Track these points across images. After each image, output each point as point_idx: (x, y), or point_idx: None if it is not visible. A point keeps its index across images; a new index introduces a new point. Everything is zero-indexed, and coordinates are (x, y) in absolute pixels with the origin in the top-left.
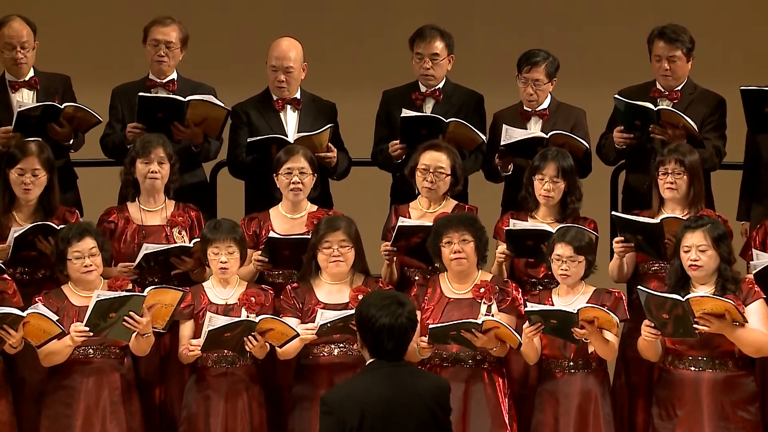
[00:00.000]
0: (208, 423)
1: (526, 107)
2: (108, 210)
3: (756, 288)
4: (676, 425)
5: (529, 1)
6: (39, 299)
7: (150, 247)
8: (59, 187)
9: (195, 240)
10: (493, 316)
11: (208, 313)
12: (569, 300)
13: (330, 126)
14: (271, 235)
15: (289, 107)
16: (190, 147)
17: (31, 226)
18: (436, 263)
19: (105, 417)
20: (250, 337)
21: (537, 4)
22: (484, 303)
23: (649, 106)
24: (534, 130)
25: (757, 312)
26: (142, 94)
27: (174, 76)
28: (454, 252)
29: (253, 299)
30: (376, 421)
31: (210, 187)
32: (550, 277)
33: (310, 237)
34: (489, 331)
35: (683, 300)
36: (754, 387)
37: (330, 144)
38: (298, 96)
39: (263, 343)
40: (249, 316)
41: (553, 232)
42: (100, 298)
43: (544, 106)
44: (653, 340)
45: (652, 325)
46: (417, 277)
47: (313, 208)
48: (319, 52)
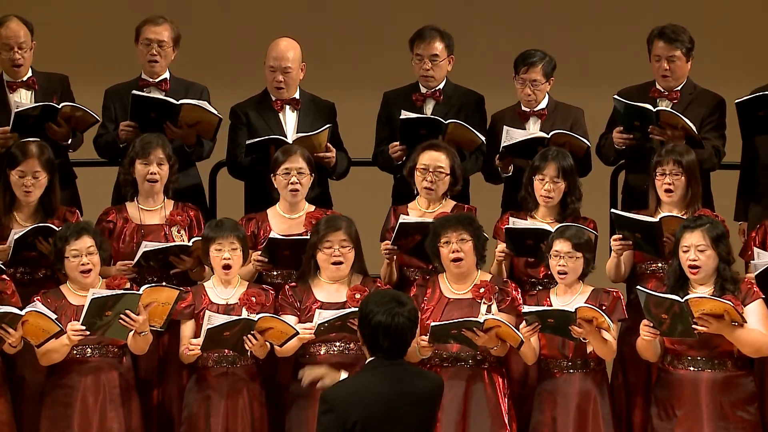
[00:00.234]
0: (209, 423)
1: (524, 107)
2: (107, 210)
3: (755, 288)
4: (675, 425)
5: (529, 1)
6: (37, 299)
7: (149, 245)
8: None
9: (194, 239)
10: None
11: (207, 311)
12: (567, 300)
13: (329, 126)
14: (271, 235)
15: (288, 107)
16: (183, 147)
17: (30, 228)
18: (434, 264)
19: (104, 416)
20: (249, 335)
21: (537, 4)
22: (484, 303)
23: (648, 107)
24: (533, 130)
25: (756, 312)
26: (135, 92)
27: (166, 75)
28: (453, 252)
29: (253, 299)
30: (376, 419)
31: (210, 188)
32: (550, 277)
33: (310, 237)
34: (490, 330)
35: (682, 300)
36: (753, 387)
37: (329, 144)
38: (297, 96)
39: (263, 342)
40: (249, 316)
41: (552, 232)
42: (95, 296)
43: (542, 105)
44: (652, 339)
45: (651, 325)
46: (417, 277)
47: (311, 208)
48: (319, 52)
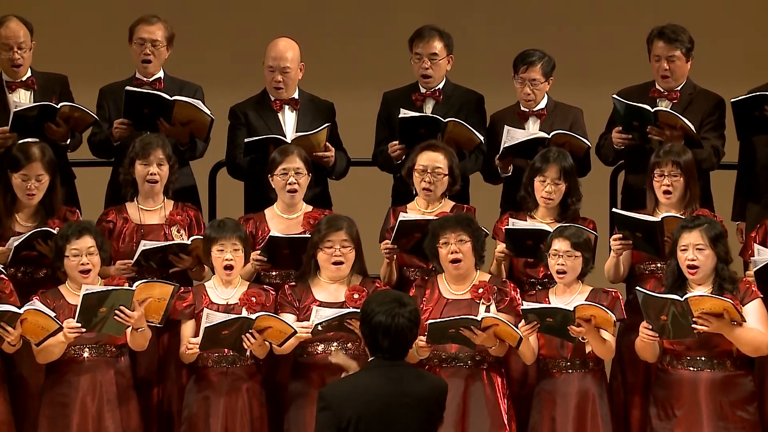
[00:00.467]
0: (208, 423)
1: (523, 107)
2: (107, 210)
3: (753, 287)
4: (674, 425)
5: (529, 1)
6: (36, 298)
7: (147, 244)
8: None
9: (193, 237)
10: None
11: (205, 309)
12: (566, 299)
13: (327, 125)
14: (272, 234)
15: (287, 107)
16: (177, 146)
17: (30, 233)
18: (433, 264)
19: (102, 416)
20: (247, 335)
21: (537, 3)
22: (483, 303)
23: (647, 107)
24: (532, 130)
25: (754, 311)
26: (128, 88)
27: (160, 74)
28: (451, 253)
29: (253, 299)
30: (372, 419)
31: (210, 188)
32: (549, 277)
33: (311, 236)
34: (488, 329)
35: (682, 300)
36: (752, 386)
37: (327, 143)
38: (296, 96)
39: (261, 341)
40: (247, 315)
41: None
42: (87, 292)
43: (542, 105)
44: (651, 342)
45: (650, 327)
46: (416, 277)
47: (308, 208)
48: (318, 51)
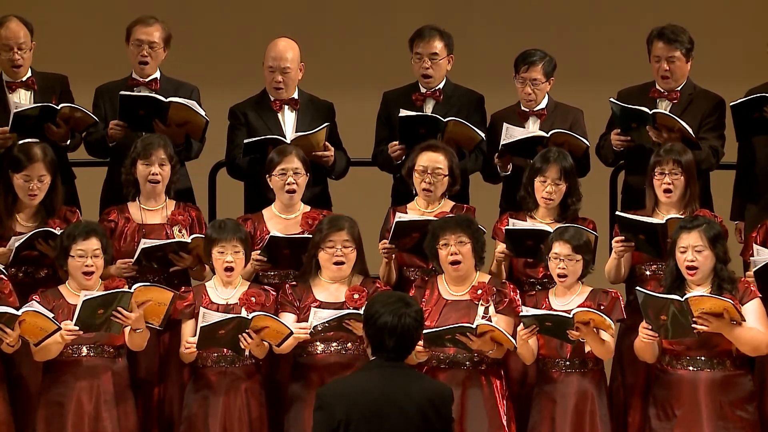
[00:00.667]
0: (207, 423)
1: (524, 107)
2: (108, 210)
3: (752, 287)
4: (674, 425)
5: (529, 1)
6: (36, 297)
7: (147, 242)
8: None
9: (193, 236)
10: (490, 318)
11: (201, 309)
12: (566, 300)
13: (327, 125)
14: (273, 233)
15: (286, 107)
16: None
17: (31, 233)
18: (433, 265)
19: (98, 417)
20: (244, 334)
21: (537, 4)
22: (482, 305)
23: (644, 109)
24: (532, 130)
25: (753, 311)
26: (123, 93)
27: (157, 75)
28: (451, 254)
29: (253, 299)
30: (364, 419)
31: (209, 188)
32: (549, 277)
33: (313, 236)
34: (484, 335)
35: (682, 300)
36: (751, 386)
37: (327, 143)
38: (296, 96)
39: (259, 341)
40: (243, 315)
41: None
42: (86, 298)
43: (542, 105)
44: (651, 342)
45: (650, 327)
46: (416, 277)
47: (306, 208)
48: (318, 51)
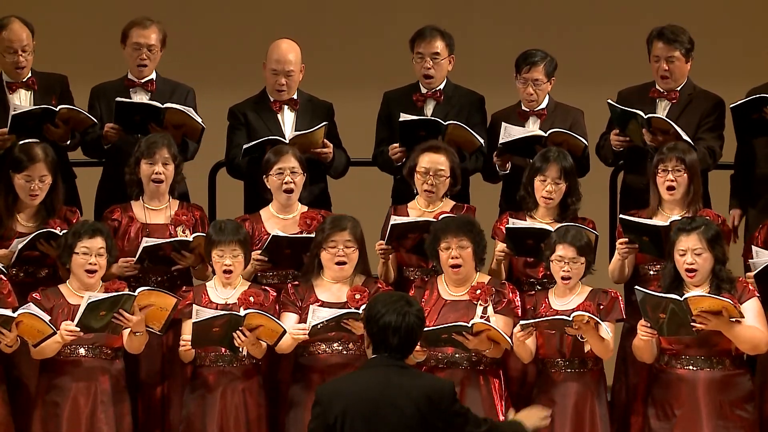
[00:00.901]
0: (205, 422)
1: (524, 107)
2: (112, 208)
3: (750, 286)
4: (674, 425)
5: (529, 2)
6: (36, 295)
7: (149, 241)
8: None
9: (195, 234)
10: (488, 318)
11: (194, 306)
12: (566, 300)
13: (325, 123)
14: (275, 233)
15: (286, 107)
16: None
17: (33, 234)
18: (433, 265)
19: (94, 417)
20: (238, 332)
21: (537, 4)
22: (480, 305)
23: (639, 112)
24: (531, 129)
25: (752, 310)
26: (119, 99)
27: (153, 76)
28: (452, 258)
29: (251, 299)
30: (358, 418)
31: (209, 188)
32: (549, 277)
33: (315, 235)
34: (480, 334)
35: (681, 299)
36: (750, 385)
37: (325, 140)
38: (295, 96)
39: (254, 339)
40: (235, 312)
41: (553, 232)
42: (91, 300)
43: (543, 105)
44: (649, 339)
45: (648, 325)
46: (416, 277)
47: (304, 208)
48: (318, 52)
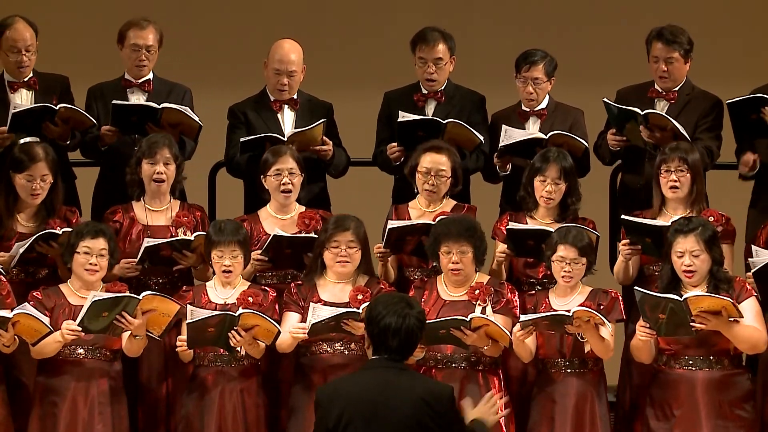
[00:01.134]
0: (203, 422)
1: (524, 107)
2: (113, 209)
3: (748, 286)
4: (673, 425)
5: (530, 1)
6: (37, 294)
7: (150, 241)
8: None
9: (197, 234)
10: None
11: (188, 306)
12: (566, 300)
13: (323, 120)
14: (276, 232)
15: (286, 107)
16: None
17: (34, 237)
18: (434, 264)
19: (91, 418)
20: (233, 332)
21: (537, 4)
22: (479, 305)
23: (636, 110)
24: (532, 130)
25: (750, 309)
26: (115, 102)
27: (150, 76)
28: (452, 263)
29: (250, 299)
30: (356, 419)
31: (209, 188)
32: (549, 277)
33: (318, 235)
34: (479, 329)
35: (681, 299)
36: (749, 385)
37: (325, 137)
38: (295, 96)
39: (249, 339)
40: (230, 312)
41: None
42: (96, 299)
43: (543, 105)
44: (648, 339)
45: (647, 325)
46: (416, 277)
47: (302, 208)
48: (318, 51)
